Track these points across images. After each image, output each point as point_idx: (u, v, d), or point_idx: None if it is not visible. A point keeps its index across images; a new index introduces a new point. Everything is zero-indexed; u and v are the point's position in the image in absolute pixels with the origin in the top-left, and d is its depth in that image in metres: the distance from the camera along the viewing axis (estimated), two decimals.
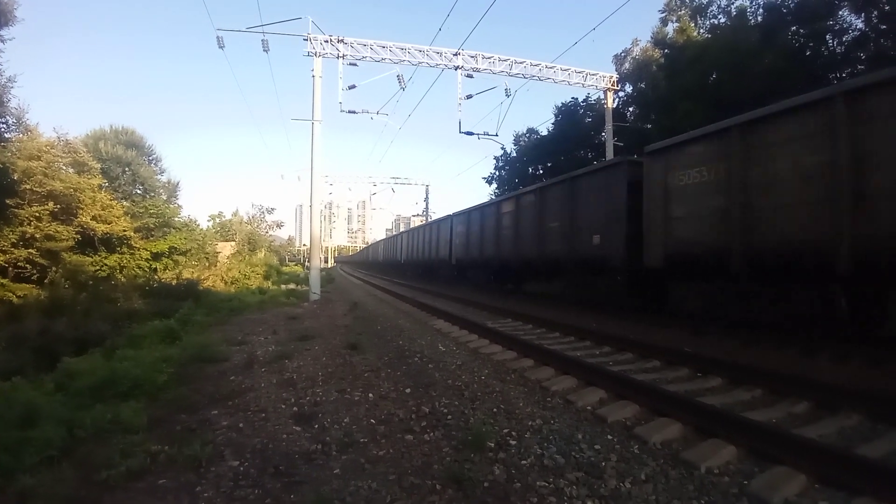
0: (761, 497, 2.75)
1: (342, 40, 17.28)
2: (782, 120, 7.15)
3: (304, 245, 72.40)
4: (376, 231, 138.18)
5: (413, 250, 31.28)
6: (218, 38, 16.89)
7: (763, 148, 7.38)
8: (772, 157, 7.24)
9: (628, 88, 27.66)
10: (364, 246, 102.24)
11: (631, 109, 27.66)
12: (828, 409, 4.21)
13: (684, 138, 8.99)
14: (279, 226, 54.38)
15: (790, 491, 2.81)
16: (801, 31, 17.76)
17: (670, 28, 25.56)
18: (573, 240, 12.10)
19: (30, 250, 17.96)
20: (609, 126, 21.66)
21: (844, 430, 3.82)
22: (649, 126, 24.14)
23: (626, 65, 28.11)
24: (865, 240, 6.00)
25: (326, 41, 17.15)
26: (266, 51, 17.36)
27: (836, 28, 17.35)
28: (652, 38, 26.60)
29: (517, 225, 15.25)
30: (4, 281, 17.29)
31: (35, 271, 17.99)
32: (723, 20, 23.50)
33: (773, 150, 7.23)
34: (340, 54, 17.36)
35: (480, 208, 19.18)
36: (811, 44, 17.65)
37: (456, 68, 18.42)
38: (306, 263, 43.44)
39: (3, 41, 17.30)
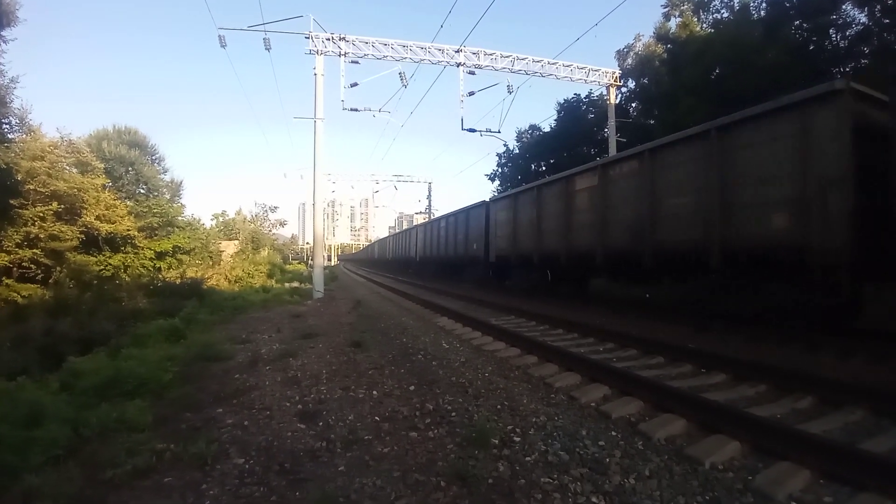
0: (766, 493, 2.75)
1: (344, 38, 17.24)
2: (525, 194, 15.06)
3: (308, 243, 72.49)
4: (379, 229, 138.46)
5: (396, 250, 40.74)
6: (220, 36, 16.92)
7: (521, 205, 15.06)
8: (522, 211, 14.90)
9: (631, 84, 27.41)
10: (367, 244, 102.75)
11: (634, 105, 27.47)
12: (832, 404, 4.21)
13: (501, 196, 17.85)
14: (282, 224, 54.25)
15: (795, 486, 2.81)
16: (805, 25, 17.58)
17: (673, 23, 25.30)
18: (467, 246, 20.09)
19: (34, 250, 17.97)
20: (612, 122, 21.58)
21: (849, 425, 3.82)
22: (652, 122, 23.98)
23: (629, 60, 27.92)
24: (544, 249, 13.40)
25: (328, 39, 17.13)
26: (268, 49, 17.37)
27: (839, 22, 17.19)
28: (654, 33, 26.36)
29: (446, 236, 23.20)
30: (9, 281, 17.31)
31: (39, 271, 18.02)
32: (725, 15, 23.30)
33: (522, 207, 14.99)
34: (342, 52, 17.33)
35: (430, 223, 27.80)
36: (814, 38, 17.48)
37: (458, 65, 18.37)
38: (309, 262, 43.48)
39: (5, 42, 17.31)
